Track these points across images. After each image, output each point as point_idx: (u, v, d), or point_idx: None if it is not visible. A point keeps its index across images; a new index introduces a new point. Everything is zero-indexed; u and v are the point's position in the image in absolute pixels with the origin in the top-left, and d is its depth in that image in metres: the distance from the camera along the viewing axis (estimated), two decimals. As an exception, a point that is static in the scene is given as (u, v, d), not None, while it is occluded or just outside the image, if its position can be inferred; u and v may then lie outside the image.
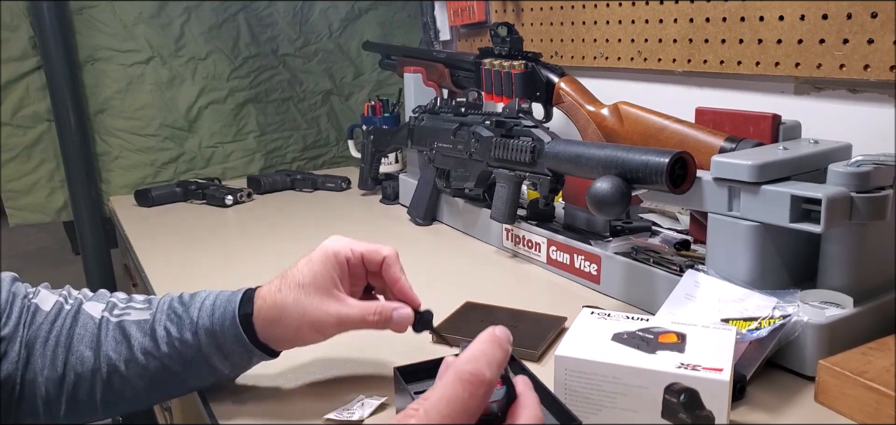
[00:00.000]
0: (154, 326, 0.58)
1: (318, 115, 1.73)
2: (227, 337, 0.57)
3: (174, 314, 0.58)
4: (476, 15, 1.50)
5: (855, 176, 0.62)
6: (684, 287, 0.70)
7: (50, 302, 0.59)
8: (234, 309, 0.58)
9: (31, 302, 0.59)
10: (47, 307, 0.58)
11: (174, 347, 0.57)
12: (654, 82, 1.14)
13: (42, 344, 0.56)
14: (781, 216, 0.64)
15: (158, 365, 0.57)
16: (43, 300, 0.59)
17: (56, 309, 0.58)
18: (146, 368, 0.57)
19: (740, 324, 0.61)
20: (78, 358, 0.56)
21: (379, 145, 1.37)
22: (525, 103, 0.98)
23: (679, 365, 0.51)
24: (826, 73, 0.85)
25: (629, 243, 0.85)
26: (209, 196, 1.39)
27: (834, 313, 0.62)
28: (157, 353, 0.57)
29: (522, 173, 0.94)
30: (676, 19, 1.05)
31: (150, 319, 0.58)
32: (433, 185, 1.16)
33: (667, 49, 1.08)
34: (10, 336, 0.55)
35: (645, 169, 0.69)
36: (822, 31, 0.85)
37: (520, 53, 1.11)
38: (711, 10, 0.99)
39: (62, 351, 0.56)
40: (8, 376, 0.55)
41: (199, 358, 0.58)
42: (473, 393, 0.38)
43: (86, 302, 0.60)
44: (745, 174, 0.66)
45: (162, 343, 0.57)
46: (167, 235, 1.21)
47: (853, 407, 0.56)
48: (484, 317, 0.76)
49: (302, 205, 1.39)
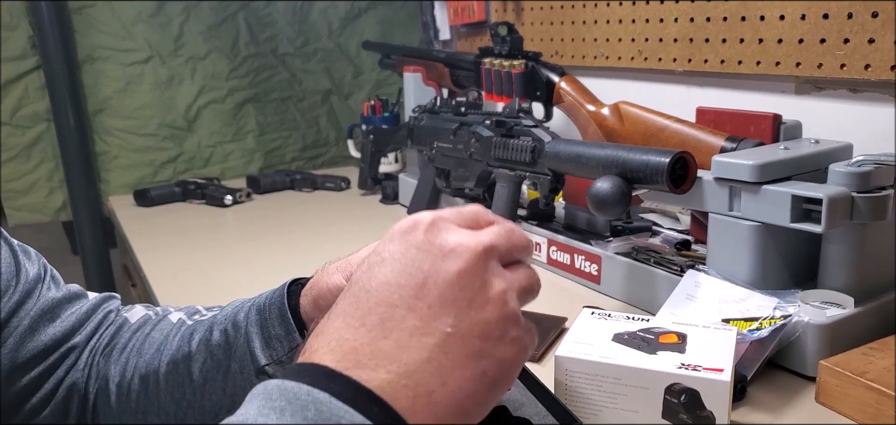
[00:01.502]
0: (215, 318, 0.53)
1: (318, 115, 1.73)
2: (272, 310, 0.49)
3: (241, 303, 0.52)
4: (476, 14, 1.49)
5: (856, 176, 0.62)
6: (685, 287, 0.70)
7: (138, 315, 0.57)
8: (285, 284, 0.51)
9: (121, 316, 0.57)
10: (133, 320, 0.57)
11: (225, 332, 0.50)
12: (655, 82, 1.14)
13: (119, 351, 0.54)
14: (782, 216, 0.63)
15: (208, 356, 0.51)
16: (133, 314, 0.57)
17: (142, 320, 0.57)
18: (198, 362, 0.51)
19: (741, 325, 0.61)
20: (145, 362, 0.53)
21: (379, 145, 1.37)
22: (525, 103, 0.98)
23: (680, 366, 0.51)
24: (827, 72, 0.85)
25: (630, 243, 0.85)
26: (208, 196, 1.39)
27: (835, 313, 0.62)
28: (208, 344, 0.51)
29: (522, 173, 0.93)
30: (677, 19, 1.05)
31: (217, 313, 0.53)
32: (433, 185, 1.16)
33: (667, 48, 1.07)
34: (81, 345, 0.54)
35: (645, 169, 0.69)
36: (822, 30, 0.85)
37: (520, 53, 1.11)
38: (712, 9, 0.99)
39: (134, 356, 0.54)
40: (74, 384, 0.53)
41: (243, 341, 0.50)
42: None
43: (173, 312, 0.57)
44: (746, 174, 0.66)
45: (216, 329, 0.51)
46: (166, 235, 1.20)
47: (854, 407, 0.56)
48: None
49: (301, 205, 1.39)
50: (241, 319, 0.50)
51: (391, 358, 0.31)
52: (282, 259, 1.04)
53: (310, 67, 1.69)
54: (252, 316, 0.50)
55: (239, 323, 0.50)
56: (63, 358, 0.53)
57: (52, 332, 0.52)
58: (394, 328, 0.32)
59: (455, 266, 0.33)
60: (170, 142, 1.55)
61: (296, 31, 1.65)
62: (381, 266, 0.34)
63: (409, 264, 0.33)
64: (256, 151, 1.65)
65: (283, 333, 0.49)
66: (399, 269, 0.33)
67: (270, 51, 1.63)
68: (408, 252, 0.34)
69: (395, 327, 0.32)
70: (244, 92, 1.61)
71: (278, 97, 1.66)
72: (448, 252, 0.33)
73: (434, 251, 0.33)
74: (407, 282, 0.33)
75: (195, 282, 0.97)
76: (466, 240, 0.34)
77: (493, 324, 0.33)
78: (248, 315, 0.51)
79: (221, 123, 1.60)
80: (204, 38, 1.54)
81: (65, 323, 0.53)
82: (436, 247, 0.33)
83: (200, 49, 1.54)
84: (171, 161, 1.56)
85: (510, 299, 0.34)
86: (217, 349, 0.51)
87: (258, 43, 1.61)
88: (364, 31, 1.72)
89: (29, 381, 0.51)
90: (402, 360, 0.31)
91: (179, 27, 1.51)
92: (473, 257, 0.33)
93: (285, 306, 0.49)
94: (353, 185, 1.46)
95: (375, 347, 0.31)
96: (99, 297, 0.58)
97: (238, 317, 0.51)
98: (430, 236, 0.34)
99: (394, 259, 0.34)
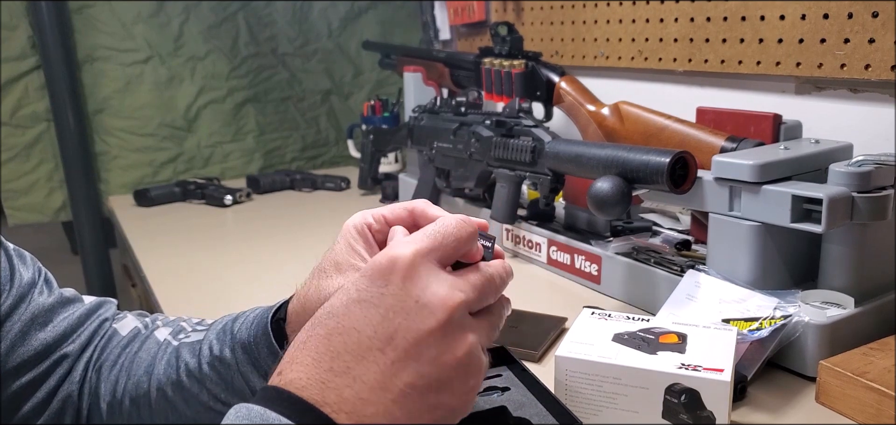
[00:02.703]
0: (201, 345, 0.52)
1: (318, 115, 1.73)
2: (260, 349, 0.49)
3: (223, 331, 0.51)
4: (476, 14, 1.49)
5: (856, 176, 0.62)
6: (685, 287, 0.70)
7: (128, 327, 0.56)
8: (268, 316, 0.50)
9: (111, 327, 0.56)
10: (124, 332, 0.56)
11: (214, 368, 0.50)
12: (655, 82, 1.14)
13: (108, 368, 0.54)
14: (782, 216, 0.63)
15: (201, 390, 0.50)
16: (123, 326, 0.56)
17: (131, 334, 0.56)
18: (191, 393, 0.50)
19: (741, 325, 0.61)
20: (134, 383, 0.53)
21: (378, 145, 1.37)
22: (525, 103, 0.98)
23: (680, 366, 0.51)
24: (827, 72, 0.85)
25: (630, 243, 0.85)
26: (208, 196, 1.39)
27: (835, 313, 0.62)
28: (198, 375, 0.50)
29: (523, 173, 0.93)
30: (677, 19, 1.05)
31: (202, 339, 0.52)
32: (433, 185, 1.16)
33: (667, 48, 1.07)
34: (75, 355, 0.53)
35: (646, 169, 0.69)
36: (823, 30, 0.85)
37: (520, 53, 1.11)
38: (712, 9, 0.99)
39: (123, 375, 0.53)
40: (68, 396, 0.53)
41: (239, 378, 0.49)
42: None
43: (160, 327, 0.56)
44: (747, 174, 0.66)
45: (204, 363, 0.50)
46: (166, 235, 1.20)
47: (854, 407, 0.56)
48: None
49: (301, 204, 1.39)
50: (230, 358, 0.50)
51: (351, 409, 0.33)
52: (282, 259, 1.04)
53: (310, 67, 1.69)
54: (239, 356, 0.49)
55: (228, 361, 0.50)
56: (55, 365, 0.52)
57: (44, 338, 0.51)
58: (357, 379, 0.34)
59: (426, 324, 0.34)
60: (170, 143, 1.55)
61: (296, 30, 1.65)
62: (357, 307, 0.35)
63: (383, 312, 0.35)
64: (256, 151, 1.65)
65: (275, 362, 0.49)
66: (372, 316, 0.35)
67: (270, 51, 1.63)
68: (383, 299, 0.35)
69: (358, 378, 0.34)
70: (244, 92, 1.61)
71: (278, 97, 1.66)
72: (422, 307, 0.35)
73: (408, 305, 0.35)
74: (376, 334, 0.34)
75: (195, 282, 0.97)
76: (442, 296, 0.35)
77: (453, 380, 0.35)
78: (235, 355, 0.50)
79: (221, 123, 1.60)
80: (204, 38, 1.54)
81: (56, 328, 0.53)
82: (411, 300, 0.35)
83: (200, 49, 1.54)
84: (170, 161, 1.56)
85: (474, 353, 0.36)
86: (212, 384, 0.50)
87: (258, 43, 1.61)
88: (364, 30, 1.72)
89: (20, 388, 0.50)
90: (361, 413, 0.33)
91: (179, 27, 1.51)
92: (445, 316, 0.35)
93: (273, 343, 0.49)
94: (353, 185, 1.46)
95: (340, 395, 0.33)
96: (94, 302, 0.57)
97: (224, 354, 0.50)
98: (407, 285, 0.35)
99: (368, 303, 0.35)
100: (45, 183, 1.45)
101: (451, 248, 0.38)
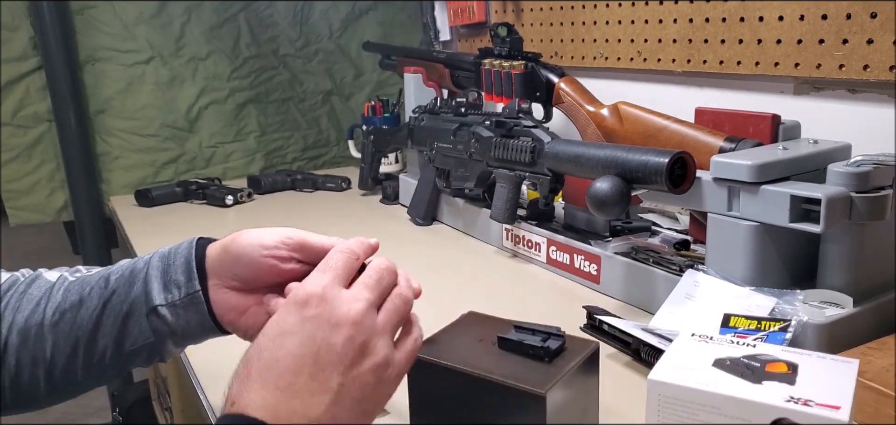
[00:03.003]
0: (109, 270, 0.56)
1: (319, 116, 1.73)
2: (177, 259, 0.56)
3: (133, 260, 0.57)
4: (476, 15, 1.50)
5: (854, 176, 0.62)
6: (684, 287, 0.70)
7: (3, 277, 0.57)
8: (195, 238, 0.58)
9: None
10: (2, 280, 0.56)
11: (122, 278, 0.55)
12: (654, 82, 1.14)
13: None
14: (781, 216, 0.64)
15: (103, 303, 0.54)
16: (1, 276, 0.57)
17: (9, 282, 0.56)
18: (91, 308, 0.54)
19: (742, 322, 0.61)
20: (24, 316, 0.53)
21: (379, 145, 1.37)
22: (525, 103, 0.98)
23: (788, 399, 0.44)
24: (825, 73, 0.85)
25: (629, 243, 0.85)
26: (209, 196, 1.39)
27: (833, 313, 0.63)
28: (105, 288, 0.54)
29: (522, 173, 0.94)
30: (676, 19, 1.05)
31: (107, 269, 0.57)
32: (433, 185, 1.16)
33: (666, 49, 1.08)
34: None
35: (645, 169, 0.69)
36: (821, 31, 0.85)
37: (520, 53, 1.12)
38: (711, 10, 0.99)
39: (9, 314, 0.54)
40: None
41: (141, 281, 0.54)
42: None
43: (48, 272, 0.58)
44: (745, 174, 0.66)
45: (113, 277, 0.55)
46: (168, 235, 1.20)
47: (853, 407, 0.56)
48: (484, 334, 0.57)
49: (302, 205, 1.39)
50: (141, 265, 0.56)
51: (300, 414, 0.42)
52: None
53: (311, 68, 1.69)
54: (154, 261, 0.56)
55: (137, 269, 0.56)
56: None
57: None
58: (300, 391, 0.42)
59: (341, 337, 0.44)
60: (171, 143, 1.55)
61: (297, 31, 1.65)
62: (286, 338, 0.44)
63: (306, 337, 0.43)
64: (257, 152, 1.66)
65: (184, 280, 0.55)
66: (298, 342, 0.43)
67: (271, 51, 1.63)
68: (304, 325, 0.44)
69: (300, 391, 0.42)
70: (245, 92, 1.62)
71: (279, 98, 1.67)
72: (334, 324, 0.44)
73: (324, 326, 0.44)
74: (305, 353, 0.43)
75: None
76: (347, 309, 0.44)
77: (370, 373, 0.44)
78: (149, 261, 0.56)
79: (223, 124, 1.60)
80: (205, 38, 1.55)
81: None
82: (324, 321, 0.44)
83: (202, 50, 1.55)
84: (172, 161, 1.56)
85: (382, 347, 0.45)
86: (112, 295, 0.54)
87: (259, 44, 1.61)
88: (365, 32, 1.72)
89: None
90: (308, 415, 0.42)
91: (181, 28, 1.52)
92: (354, 325, 0.44)
93: (192, 256, 0.56)
94: (354, 186, 1.47)
95: (289, 407, 0.42)
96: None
97: (137, 265, 0.56)
98: (320, 310, 0.44)
99: (293, 332, 0.44)
100: (47, 183, 1.45)
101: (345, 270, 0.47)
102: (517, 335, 0.53)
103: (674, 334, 0.57)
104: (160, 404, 1.40)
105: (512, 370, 0.49)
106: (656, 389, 0.48)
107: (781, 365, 0.49)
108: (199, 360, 0.71)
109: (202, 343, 0.58)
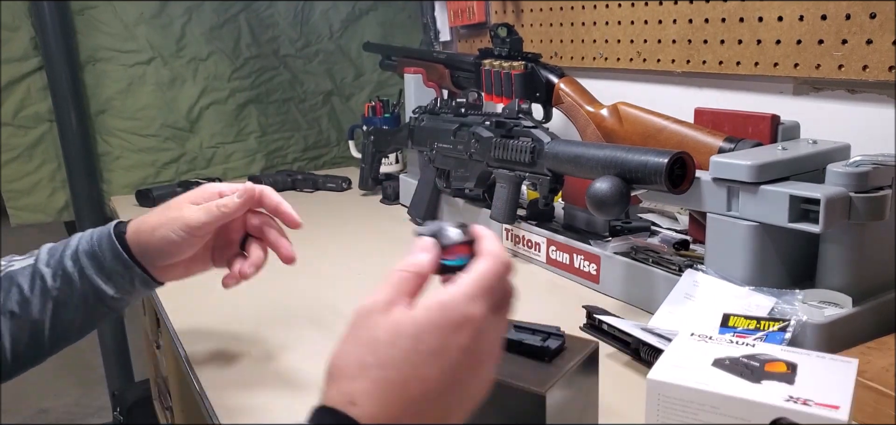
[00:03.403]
0: (37, 266, 0.61)
1: (319, 116, 1.73)
2: (105, 253, 0.61)
3: (50, 253, 0.62)
4: (476, 16, 1.50)
5: (853, 176, 0.62)
6: (683, 286, 0.70)
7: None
8: (110, 228, 0.63)
9: None
10: None
11: (59, 277, 0.61)
12: (654, 83, 1.14)
13: None
14: (780, 216, 0.64)
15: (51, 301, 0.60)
16: None
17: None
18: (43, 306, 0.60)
19: (742, 322, 0.62)
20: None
21: (379, 146, 1.37)
22: (525, 104, 0.98)
23: (788, 398, 0.44)
24: (825, 73, 0.86)
25: (628, 243, 0.86)
26: (210, 196, 1.39)
27: (833, 313, 0.63)
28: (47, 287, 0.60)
29: (522, 173, 0.94)
30: (676, 20, 1.05)
31: (33, 263, 0.62)
32: (433, 186, 1.16)
33: (666, 50, 1.08)
34: None
35: (644, 169, 0.69)
36: (820, 31, 0.85)
37: (519, 54, 1.12)
38: (710, 10, 0.99)
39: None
40: None
41: (84, 282, 0.61)
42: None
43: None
44: (744, 174, 0.66)
45: (48, 278, 0.60)
46: (168, 235, 1.21)
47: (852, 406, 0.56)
48: None
49: (303, 205, 1.39)
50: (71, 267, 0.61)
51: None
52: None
53: (311, 68, 1.69)
54: (85, 261, 0.61)
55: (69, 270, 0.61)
56: None
57: None
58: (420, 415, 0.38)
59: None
60: (172, 143, 1.55)
61: (297, 32, 1.65)
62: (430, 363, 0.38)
63: (452, 368, 0.38)
64: (258, 152, 1.66)
65: (122, 269, 0.62)
66: (442, 373, 0.38)
67: (272, 52, 1.63)
68: (452, 355, 0.38)
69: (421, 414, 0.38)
70: (246, 93, 1.62)
71: (280, 98, 1.67)
72: (482, 363, 0.40)
73: (474, 363, 0.39)
74: (446, 390, 0.38)
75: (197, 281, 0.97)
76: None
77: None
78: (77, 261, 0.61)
79: (223, 124, 1.60)
80: (206, 39, 1.55)
81: None
82: (475, 359, 0.39)
83: (202, 50, 1.55)
84: (173, 161, 1.56)
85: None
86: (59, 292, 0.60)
87: (260, 44, 1.62)
88: (365, 32, 1.72)
89: None
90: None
91: (181, 28, 1.52)
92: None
93: (118, 247, 0.61)
94: (354, 186, 1.47)
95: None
96: None
97: (66, 265, 0.61)
98: (474, 345, 0.39)
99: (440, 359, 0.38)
100: (48, 183, 1.45)
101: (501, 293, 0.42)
102: (517, 334, 0.53)
103: (673, 334, 0.57)
104: (161, 403, 1.40)
105: (511, 369, 0.49)
106: (656, 389, 0.48)
107: (781, 364, 0.49)
108: (200, 360, 0.71)
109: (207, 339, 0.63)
